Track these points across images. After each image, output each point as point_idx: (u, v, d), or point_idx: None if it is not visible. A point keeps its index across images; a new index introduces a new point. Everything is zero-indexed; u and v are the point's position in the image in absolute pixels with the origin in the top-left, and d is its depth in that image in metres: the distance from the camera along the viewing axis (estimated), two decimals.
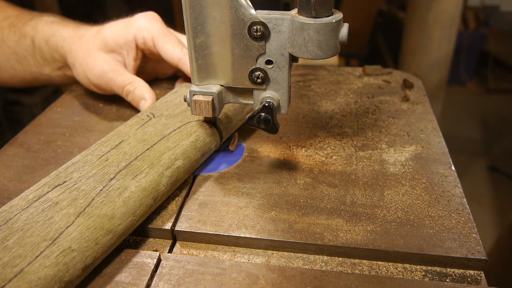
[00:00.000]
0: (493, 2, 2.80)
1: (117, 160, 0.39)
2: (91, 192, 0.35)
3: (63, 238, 0.31)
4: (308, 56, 0.37)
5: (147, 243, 0.38)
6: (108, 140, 0.42)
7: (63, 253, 0.31)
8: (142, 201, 0.37)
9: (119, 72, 0.54)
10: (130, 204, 0.36)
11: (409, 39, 1.68)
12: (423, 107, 0.56)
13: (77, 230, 0.32)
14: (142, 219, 0.37)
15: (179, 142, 0.42)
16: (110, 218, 0.34)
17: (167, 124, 0.45)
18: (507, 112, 2.45)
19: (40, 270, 0.29)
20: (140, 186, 0.37)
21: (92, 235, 0.32)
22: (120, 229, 0.35)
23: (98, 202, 0.35)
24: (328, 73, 0.65)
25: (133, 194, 0.36)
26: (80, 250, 0.31)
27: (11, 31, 0.59)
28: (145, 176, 0.38)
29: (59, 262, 0.30)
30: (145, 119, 0.46)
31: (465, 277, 0.35)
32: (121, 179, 0.37)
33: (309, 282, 0.33)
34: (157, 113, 0.47)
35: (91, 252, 0.32)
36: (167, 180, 0.39)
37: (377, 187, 0.42)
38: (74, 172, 0.38)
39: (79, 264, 0.31)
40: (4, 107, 1.82)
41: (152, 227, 0.38)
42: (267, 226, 0.38)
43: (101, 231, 0.33)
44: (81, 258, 0.31)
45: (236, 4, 0.36)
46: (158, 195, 0.38)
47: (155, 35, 0.54)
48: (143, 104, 0.53)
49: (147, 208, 0.37)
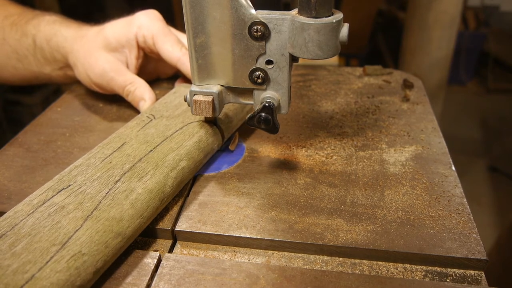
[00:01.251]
0: (493, 2, 2.80)
1: (121, 162, 0.39)
2: (97, 195, 0.35)
3: (72, 243, 0.31)
4: (309, 56, 0.37)
5: (147, 243, 0.38)
6: (110, 143, 0.42)
7: (73, 258, 0.30)
8: (149, 203, 0.37)
9: (120, 72, 0.54)
10: (137, 206, 0.36)
11: (409, 39, 1.68)
12: (423, 107, 0.56)
13: (86, 234, 0.32)
14: (149, 221, 0.37)
15: (182, 142, 0.42)
16: (118, 220, 0.34)
17: (168, 125, 0.45)
18: (507, 112, 2.45)
19: (52, 275, 0.29)
20: (146, 188, 0.37)
21: (101, 239, 0.32)
22: (129, 231, 0.34)
23: (105, 205, 0.34)
24: (328, 73, 0.65)
25: (140, 196, 0.36)
26: (91, 254, 0.31)
27: (12, 30, 0.59)
28: (150, 177, 0.38)
29: (70, 266, 0.30)
30: (145, 121, 0.46)
31: (466, 277, 0.35)
32: (126, 182, 0.37)
33: (309, 282, 0.33)
34: (157, 114, 0.47)
35: (102, 256, 0.32)
36: (172, 181, 0.39)
37: (377, 187, 0.42)
38: (78, 176, 0.37)
39: (90, 268, 0.31)
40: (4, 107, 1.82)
41: (152, 227, 0.38)
42: (268, 226, 0.38)
43: (110, 234, 0.33)
44: (92, 262, 0.31)
45: (236, 4, 0.36)
46: (164, 196, 0.38)
47: (155, 34, 0.54)
48: (143, 105, 0.53)
49: (154, 210, 0.37)
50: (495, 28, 2.76)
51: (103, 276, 0.33)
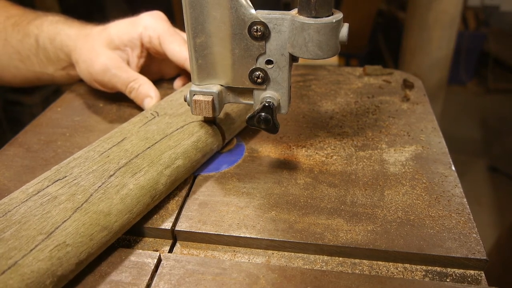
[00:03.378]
0: (493, 2, 2.80)
1: (118, 157, 0.39)
2: (90, 188, 0.36)
3: (58, 233, 0.32)
4: (308, 56, 0.37)
5: (147, 243, 0.38)
6: (111, 137, 0.42)
7: (57, 248, 0.31)
8: (140, 199, 0.37)
9: (123, 69, 0.54)
10: (127, 201, 0.36)
11: (409, 39, 1.68)
12: (423, 107, 0.56)
13: (73, 225, 0.32)
14: (139, 217, 0.37)
15: (181, 141, 0.42)
16: (106, 214, 0.34)
17: (170, 123, 0.45)
18: (507, 112, 2.45)
19: (34, 264, 0.29)
20: (138, 184, 0.37)
21: (87, 231, 0.33)
22: (116, 226, 0.35)
23: (95, 198, 0.35)
24: (328, 73, 0.65)
25: (131, 192, 0.36)
26: (75, 245, 0.32)
27: (14, 30, 0.59)
28: (144, 174, 0.38)
29: (53, 256, 0.30)
30: (149, 117, 0.46)
31: (466, 277, 0.35)
32: (120, 176, 0.37)
33: (309, 282, 0.33)
34: (162, 111, 0.47)
35: (86, 248, 0.32)
36: (166, 179, 0.39)
37: (377, 187, 0.42)
38: (75, 168, 0.38)
39: (73, 259, 0.31)
40: (4, 107, 1.82)
41: (152, 227, 0.38)
42: (267, 226, 0.38)
43: (96, 227, 0.33)
44: (75, 253, 0.31)
45: (236, 4, 0.36)
46: (156, 193, 0.38)
47: (161, 34, 0.54)
48: (149, 102, 0.53)
49: (144, 206, 0.37)
50: (495, 28, 2.76)
51: (103, 276, 0.33)
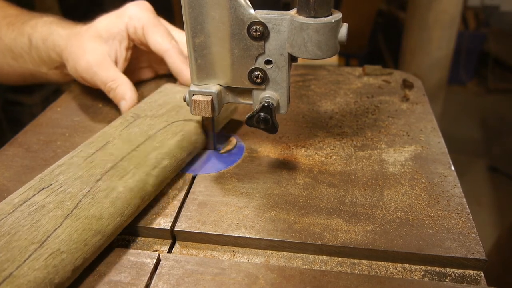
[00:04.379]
0: (493, 2, 2.80)
1: (103, 161, 0.39)
2: (78, 194, 0.35)
3: (51, 241, 0.31)
4: (308, 56, 0.37)
5: (147, 243, 0.38)
6: (94, 142, 0.42)
7: (52, 256, 0.31)
8: (130, 201, 0.37)
9: (104, 67, 0.53)
10: (118, 204, 0.36)
11: (409, 39, 1.68)
12: (422, 107, 0.56)
13: (65, 232, 0.32)
14: (130, 219, 0.37)
15: (165, 141, 0.42)
16: (98, 219, 0.34)
17: (152, 124, 0.45)
18: (507, 112, 2.45)
19: (30, 273, 0.29)
20: (127, 186, 0.37)
21: (80, 237, 0.32)
22: (108, 229, 0.35)
23: (85, 204, 0.35)
24: (328, 73, 0.65)
25: (121, 195, 0.36)
26: (69, 252, 0.31)
27: (9, 29, 0.59)
28: (132, 176, 0.38)
29: (49, 264, 0.30)
30: (129, 120, 0.46)
31: (465, 277, 0.35)
32: (107, 180, 0.37)
33: (308, 282, 0.33)
34: (142, 113, 0.47)
35: (81, 254, 0.32)
36: (154, 179, 0.39)
37: (376, 187, 0.42)
38: (60, 175, 0.38)
39: (68, 266, 0.31)
40: (4, 107, 1.82)
41: (151, 227, 0.38)
42: (267, 226, 0.38)
43: (89, 232, 0.33)
44: (70, 259, 0.31)
45: (235, 4, 0.36)
46: (146, 194, 0.38)
47: (145, 24, 0.53)
48: (123, 105, 0.52)
49: (135, 208, 0.37)
50: (495, 28, 2.75)
51: (102, 277, 0.33)
